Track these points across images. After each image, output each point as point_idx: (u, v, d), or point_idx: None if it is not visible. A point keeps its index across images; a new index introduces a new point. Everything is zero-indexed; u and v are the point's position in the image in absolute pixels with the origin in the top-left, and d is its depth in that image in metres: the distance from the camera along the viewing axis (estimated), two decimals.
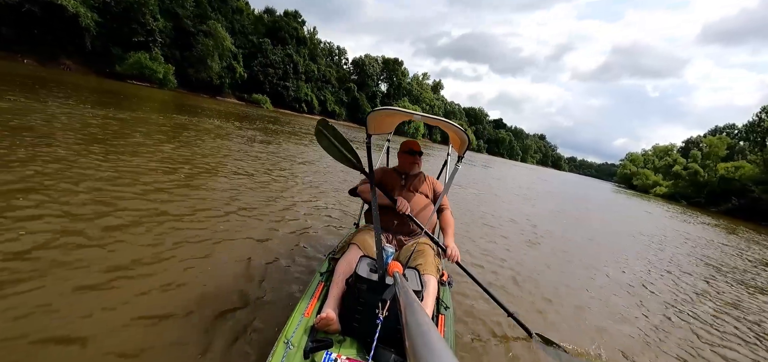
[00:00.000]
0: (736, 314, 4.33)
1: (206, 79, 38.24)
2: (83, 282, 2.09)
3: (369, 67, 73.57)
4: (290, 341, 1.39)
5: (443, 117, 2.05)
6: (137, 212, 3.27)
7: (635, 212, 18.03)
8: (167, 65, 32.26)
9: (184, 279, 2.36)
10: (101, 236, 2.68)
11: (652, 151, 76.91)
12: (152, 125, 9.10)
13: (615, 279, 4.83)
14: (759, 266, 8.27)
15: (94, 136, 6.05)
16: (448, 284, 2.28)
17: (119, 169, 4.49)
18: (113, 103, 12.21)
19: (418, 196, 2.35)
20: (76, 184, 3.59)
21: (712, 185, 43.27)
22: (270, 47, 50.79)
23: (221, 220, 3.55)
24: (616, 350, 2.78)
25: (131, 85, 27.38)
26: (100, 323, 1.81)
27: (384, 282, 1.51)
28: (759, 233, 20.02)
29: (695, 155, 53.72)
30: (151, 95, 22.51)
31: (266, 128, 16.29)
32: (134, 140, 6.49)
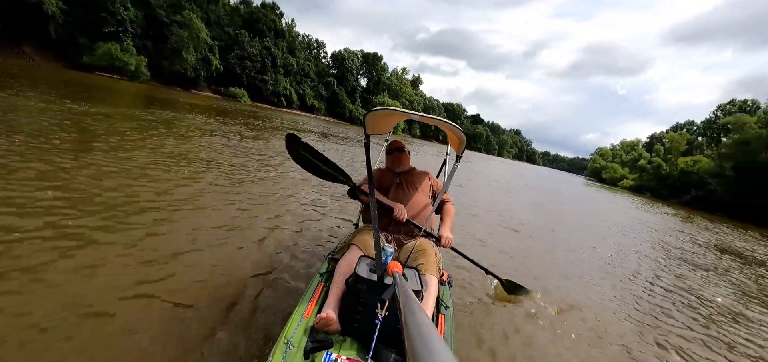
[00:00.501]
0: (678, 284, 5.18)
1: (181, 71, 36.98)
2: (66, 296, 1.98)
3: (349, 62, 73.15)
4: (290, 341, 1.39)
5: (424, 113, 2.02)
6: (135, 209, 3.27)
7: (603, 204, 19.16)
8: (139, 57, 30.92)
9: (182, 280, 2.34)
10: (98, 235, 2.69)
11: (620, 146, 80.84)
12: (135, 120, 8.92)
13: (586, 258, 5.39)
14: (705, 248, 9.34)
15: (68, 134, 5.80)
16: (448, 283, 2.28)
17: (116, 165, 4.52)
18: (84, 96, 11.75)
19: (417, 195, 2.36)
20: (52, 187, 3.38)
21: (673, 178, 46.11)
22: (247, 39, 49.61)
23: (218, 220, 3.50)
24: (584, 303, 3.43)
25: (100, 77, 26.18)
26: (88, 341, 1.71)
27: (383, 282, 1.51)
28: (712, 222, 21.71)
29: (658, 150, 56.91)
30: (124, 88, 21.69)
31: (249, 124, 16.11)
32: (118, 136, 6.45)
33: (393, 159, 2.53)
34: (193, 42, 36.61)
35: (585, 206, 15.63)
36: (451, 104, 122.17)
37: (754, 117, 40.31)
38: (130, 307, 1.99)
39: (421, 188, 2.41)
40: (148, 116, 10.45)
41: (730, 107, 53.56)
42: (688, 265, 6.83)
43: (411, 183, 2.42)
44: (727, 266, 7.55)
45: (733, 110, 51.81)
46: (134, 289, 2.15)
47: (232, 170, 5.91)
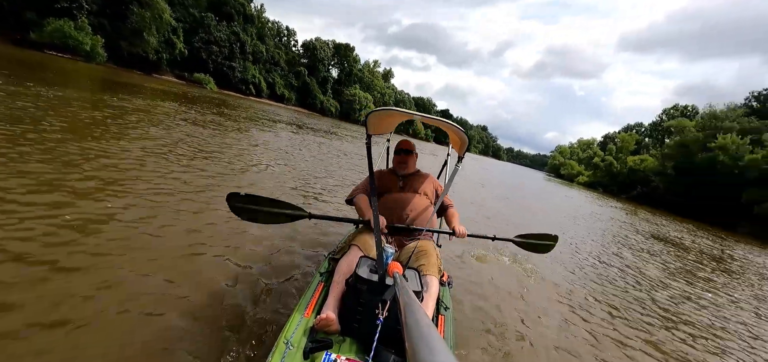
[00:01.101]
0: (616, 262, 6.33)
1: (141, 54, 34.90)
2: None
3: (320, 52, 72.04)
4: (290, 341, 1.39)
5: (419, 112, 2.05)
6: (133, 204, 3.26)
7: (561, 198, 20.72)
8: (95, 36, 28.85)
9: (182, 279, 2.32)
10: (97, 229, 2.68)
11: (577, 144, 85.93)
12: (106, 106, 8.63)
13: None
14: (642, 236, 10.72)
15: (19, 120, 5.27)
16: (448, 284, 2.29)
17: (85, 156, 4.48)
18: (35, 77, 10.99)
19: (418, 196, 2.34)
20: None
21: (623, 176, 50.00)
22: (214, 23, 47.55)
23: (216, 218, 3.46)
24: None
25: (51, 57, 24.27)
26: (81, 341, 1.69)
27: (384, 283, 1.51)
28: (653, 215, 24.10)
29: (611, 149, 61.10)
30: (78, 69, 20.35)
31: (225, 114, 15.76)
32: (90, 123, 6.35)
33: (399, 161, 2.49)
34: (156, 23, 34.63)
35: (547, 202, 16.91)
36: (421, 99, 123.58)
37: (693, 122, 44.53)
38: (123, 308, 1.93)
39: (423, 190, 2.39)
40: (115, 102, 10.09)
41: (673, 112, 58.69)
42: (628, 247, 7.91)
43: (414, 185, 2.39)
44: (659, 249, 8.80)
45: (676, 114, 56.81)
46: (127, 289, 2.11)
47: (218, 162, 5.95)
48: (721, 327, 4.18)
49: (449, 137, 2.62)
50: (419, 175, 2.51)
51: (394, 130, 3.40)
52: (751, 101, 44.46)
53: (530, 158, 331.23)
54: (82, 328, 1.75)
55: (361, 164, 10.68)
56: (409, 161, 2.49)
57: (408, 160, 2.48)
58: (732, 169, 32.64)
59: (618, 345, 3.07)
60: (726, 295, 5.77)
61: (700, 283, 6.19)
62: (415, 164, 2.57)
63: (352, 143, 19.12)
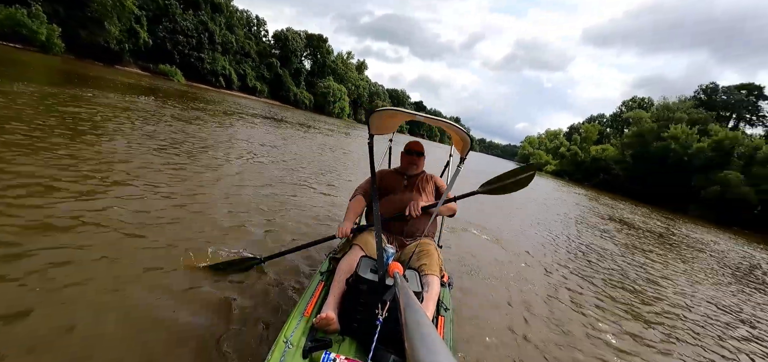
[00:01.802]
0: (576, 240, 7.18)
1: (102, 44, 32.92)
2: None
3: (292, 42, 70.49)
4: (289, 340, 1.39)
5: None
6: (136, 200, 3.27)
7: (530, 187, 21.87)
8: (51, 25, 26.94)
9: (180, 277, 2.31)
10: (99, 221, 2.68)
11: (545, 134, 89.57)
12: (70, 101, 8.35)
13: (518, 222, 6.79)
14: (599, 217, 11.66)
15: None
16: (448, 285, 2.28)
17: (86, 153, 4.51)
18: None
19: (422, 197, 2.34)
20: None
21: (586, 164, 52.98)
22: (179, 11, 45.44)
23: (217, 215, 3.46)
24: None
25: (5, 48, 22.52)
26: (79, 336, 1.66)
27: (384, 283, 1.51)
28: (614, 200, 25.94)
29: (576, 139, 64.37)
30: (34, 61, 19.04)
31: (204, 108, 15.38)
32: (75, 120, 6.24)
33: (409, 161, 2.46)
34: (117, 11, 32.70)
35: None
36: (395, 91, 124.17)
37: (649, 113, 47.75)
38: (123, 303, 1.93)
39: (427, 191, 2.39)
40: (96, 97, 9.73)
41: (631, 103, 62.55)
42: (587, 227, 8.77)
43: (418, 186, 2.39)
44: (614, 227, 9.75)
45: (634, 105, 60.60)
46: (127, 286, 2.08)
47: (213, 158, 5.95)
48: (655, 284, 5.37)
49: (451, 138, 2.62)
50: (424, 175, 2.50)
51: (404, 131, 3.41)
52: (699, 94, 48.27)
53: (501, 149, 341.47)
54: (78, 329, 1.69)
55: (363, 163, 10.83)
56: (419, 162, 2.48)
57: (418, 161, 2.47)
58: (682, 156, 35.48)
59: (612, 335, 3.21)
60: (663, 263, 6.98)
61: (645, 255, 7.22)
62: (423, 166, 2.56)
63: (334, 137, 19.23)
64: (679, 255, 8.45)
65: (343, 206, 4.95)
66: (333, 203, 5.36)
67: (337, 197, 5.74)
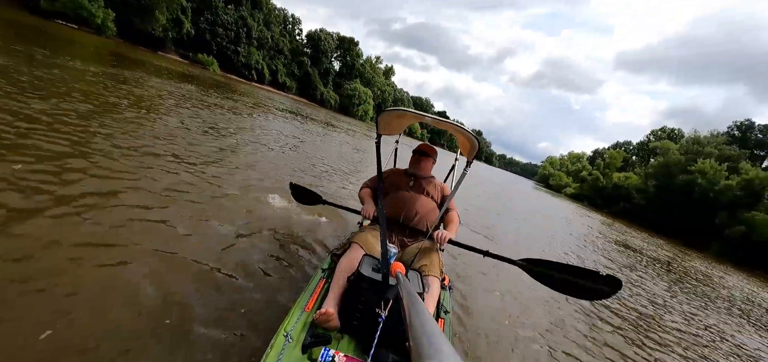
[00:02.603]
0: (588, 258, 7.33)
1: (149, 30, 35.35)
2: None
3: (324, 43, 72.53)
4: (289, 334, 1.40)
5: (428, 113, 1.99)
6: (143, 190, 3.19)
7: (546, 205, 22.13)
8: (107, 10, 29.37)
9: (183, 268, 2.32)
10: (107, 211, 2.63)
11: (567, 156, 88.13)
12: (131, 82, 9.51)
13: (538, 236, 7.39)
14: (603, 239, 11.95)
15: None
16: (449, 288, 2.28)
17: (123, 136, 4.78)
18: (50, 45, 11.78)
19: (425, 198, 2.35)
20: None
21: (607, 190, 51.98)
22: (222, 5, 47.90)
23: (219, 209, 3.42)
24: None
25: (60, 26, 24.71)
26: (88, 321, 1.68)
27: (386, 282, 1.52)
28: (629, 227, 25.72)
29: (599, 164, 63.15)
30: (90, 41, 20.90)
31: (239, 99, 16.67)
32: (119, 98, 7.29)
33: (420, 163, 2.50)
34: (167, 1, 35.08)
35: (532, 203, 18.26)
36: (419, 98, 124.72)
37: (678, 144, 46.53)
38: (125, 294, 1.93)
39: (431, 193, 2.42)
40: (138, 77, 11.01)
41: (660, 133, 60.94)
42: (594, 249, 9.25)
43: (423, 188, 2.42)
44: (624, 251, 10.16)
45: (663, 135, 59.04)
46: (126, 277, 2.06)
47: (228, 150, 5.87)
48: (662, 308, 5.60)
49: (458, 141, 2.62)
50: (430, 178, 2.53)
51: (425, 138, 3.65)
52: (733, 130, 46.67)
53: (521, 166, 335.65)
54: (79, 317, 1.68)
55: (373, 162, 11.58)
56: (428, 165, 2.52)
57: (426, 163, 2.50)
58: (708, 192, 34.53)
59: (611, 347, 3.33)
60: (668, 289, 7.28)
61: (654, 282, 7.64)
62: (432, 169, 2.60)
63: (355, 137, 20.18)
64: (690, 286, 8.76)
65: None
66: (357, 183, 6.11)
67: (356, 182, 6.54)
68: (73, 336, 1.59)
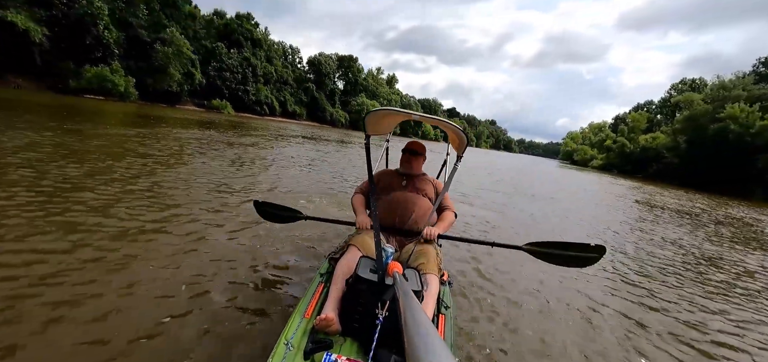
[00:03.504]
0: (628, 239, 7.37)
1: (165, 88, 37.52)
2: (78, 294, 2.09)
3: (325, 66, 74.33)
4: (290, 342, 1.40)
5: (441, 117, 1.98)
6: (151, 210, 3.60)
7: (571, 180, 21.69)
8: (128, 77, 31.59)
9: (183, 280, 2.38)
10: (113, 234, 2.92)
11: (589, 128, 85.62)
12: (163, 139, 10.29)
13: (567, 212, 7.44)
14: (628, 202, 11.70)
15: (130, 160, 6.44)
16: (448, 284, 2.29)
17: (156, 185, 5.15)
18: (88, 120, 12.78)
19: (420, 197, 2.34)
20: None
21: (636, 155, 50.10)
22: (225, 51, 50.17)
23: (218, 220, 3.66)
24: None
25: (91, 100, 26.59)
26: (101, 328, 1.82)
27: (384, 283, 1.52)
28: (664, 188, 24.71)
29: (622, 130, 60.95)
30: (117, 109, 22.38)
31: (255, 134, 17.46)
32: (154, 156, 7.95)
33: (411, 162, 2.49)
34: (177, 58, 37.25)
35: (557, 182, 18.03)
36: (426, 100, 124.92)
37: (702, 94, 44.47)
38: (127, 309, 2.01)
39: (425, 191, 2.40)
40: (172, 131, 11.83)
41: (681, 86, 58.44)
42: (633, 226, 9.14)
43: (417, 187, 2.40)
44: (645, 215, 9.95)
45: (684, 88, 56.58)
46: (129, 288, 2.19)
47: (234, 174, 6.38)
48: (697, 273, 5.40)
49: (448, 137, 2.62)
50: (423, 176, 2.52)
51: (405, 131, 3.66)
52: (759, 68, 44.17)
53: (542, 148, 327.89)
54: (83, 326, 1.82)
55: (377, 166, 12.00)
56: (418, 163, 2.51)
57: (417, 161, 2.50)
58: (743, 137, 32.80)
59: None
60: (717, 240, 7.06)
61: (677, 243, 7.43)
62: (422, 166, 2.59)
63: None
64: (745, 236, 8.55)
65: None
66: None
67: None
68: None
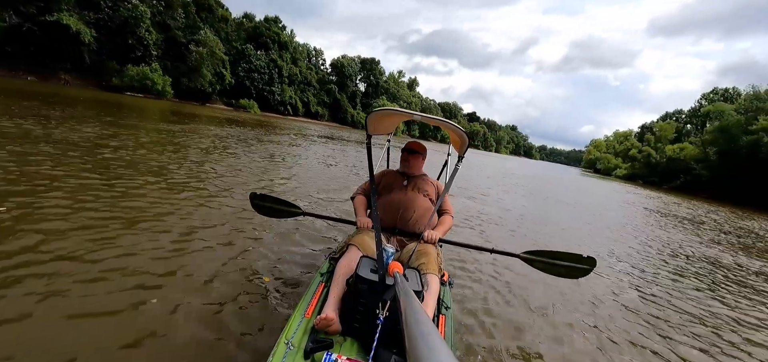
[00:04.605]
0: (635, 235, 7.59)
1: (198, 87, 39.56)
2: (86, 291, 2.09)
3: (348, 68, 75.72)
4: (291, 341, 1.40)
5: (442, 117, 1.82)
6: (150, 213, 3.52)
7: (595, 190, 21.65)
8: (165, 77, 33.83)
9: (182, 281, 2.37)
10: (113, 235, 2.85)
11: (613, 136, 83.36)
12: (200, 136, 11.32)
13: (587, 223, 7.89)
14: (653, 214, 11.84)
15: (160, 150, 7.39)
16: (448, 284, 2.29)
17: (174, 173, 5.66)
18: (133, 116, 14.12)
19: (420, 198, 2.35)
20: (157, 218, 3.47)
21: (662, 165, 48.66)
22: (253, 52, 52.16)
23: (220, 220, 3.62)
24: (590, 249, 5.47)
25: (132, 97, 28.61)
26: (96, 332, 1.80)
27: (384, 283, 1.52)
28: (686, 200, 24.24)
29: (649, 139, 59.29)
30: (155, 106, 24.10)
31: (280, 132, 18.54)
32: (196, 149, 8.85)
33: (411, 162, 2.50)
34: (210, 59, 39.31)
35: (582, 191, 18.19)
36: (447, 104, 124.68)
37: (733, 104, 42.86)
38: (124, 307, 2.01)
39: (426, 191, 2.40)
40: (207, 128, 12.93)
41: (712, 96, 56.25)
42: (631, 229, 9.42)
43: (418, 187, 2.41)
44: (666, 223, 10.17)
45: (716, 98, 54.45)
46: (131, 289, 2.18)
47: (230, 172, 6.40)
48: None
49: (449, 137, 2.63)
50: (424, 177, 2.53)
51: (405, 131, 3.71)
52: None
53: (565, 155, 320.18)
54: (89, 321, 1.85)
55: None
56: (418, 163, 2.51)
57: (417, 161, 2.51)
58: None
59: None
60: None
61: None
62: (423, 166, 2.59)
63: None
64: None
65: None
66: None
67: None
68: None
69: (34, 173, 4.11)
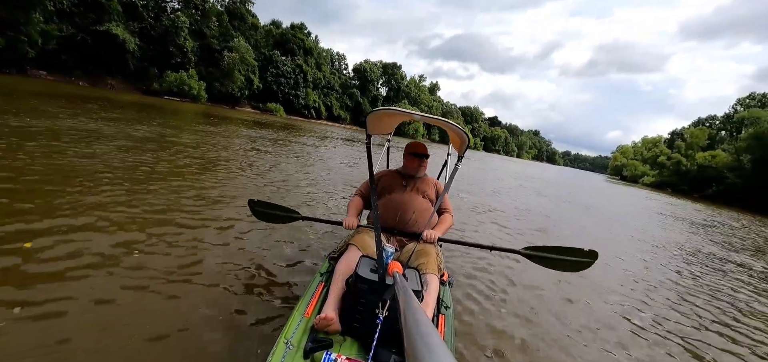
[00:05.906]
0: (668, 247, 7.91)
1: (229, 91, 41.74)
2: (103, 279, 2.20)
3: (370, 73, 77.06)
4: (290, 341, 1.40)
5: (440, 116, 1.99)
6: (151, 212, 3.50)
7: (620, 198, 21.49)
8: (200, 82, 36.17)
9: (181, 282, 2.37)
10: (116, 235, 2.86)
11: (641, 143, 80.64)
12: (229, 136, 12.45)
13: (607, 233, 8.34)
14: (674, 220, 11.93)
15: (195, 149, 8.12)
16: (448, 284, 2.30)
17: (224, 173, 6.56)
18: (178, 117, 15.45)
19: (420, 198, 2.36)
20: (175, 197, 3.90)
21: (693, 173, 46.89)
22: (280, 58, 54.26)
23: (220, 221, 3.62)
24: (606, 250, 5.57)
25: (169, 101, 30.80)
26: (103, 319, 1.86)
27: (384, 282, 1.52)
28: (715, 208, 23.58)
29: (679, 146, 57.17)
30: (191, 109, 25.95)
31: (305, 135, 19.66)
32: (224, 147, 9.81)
33: (414, 164, 2.49)
34: (241, 65, 41.49)
35: (607, 197, 18.26)
36: (468, 108, 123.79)
37: None
38: (129, 300, 2.06)
39: (426, 192, 2.41)
40: (239, 130, 14.08)
41: (748, 101, 53.73)
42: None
43: (418, 188, 2.42)
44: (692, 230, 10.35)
45: (752, 104, 52.01)
46: (134, 283, 2.23)
47: (237, 171, 6.48)
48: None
49: (449, 137, 2.66)
50: (424, 177, 2.53)
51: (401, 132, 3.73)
52: None
53: (590, 161, 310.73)
54: (83, 322, 1.82)
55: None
56: (420, 165, 2.50)
57: (419, 163, 2.50)
58: None
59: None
60: None
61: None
62: (425, 168, 2.57)
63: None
64: None
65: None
66: None
67: None
68: None
69: (132, 165, 5.12)
